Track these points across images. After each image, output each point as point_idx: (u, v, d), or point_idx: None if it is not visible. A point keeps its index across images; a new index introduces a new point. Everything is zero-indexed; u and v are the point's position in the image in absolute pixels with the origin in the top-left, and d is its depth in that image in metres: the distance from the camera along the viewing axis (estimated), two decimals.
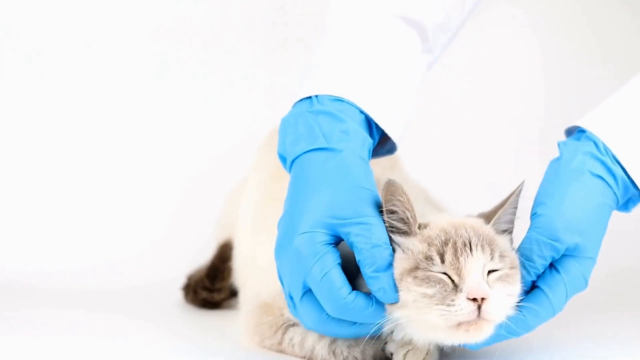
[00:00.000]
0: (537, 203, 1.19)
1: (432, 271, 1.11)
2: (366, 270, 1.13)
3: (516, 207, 1.20)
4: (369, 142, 1.21)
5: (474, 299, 1.09)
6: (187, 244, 1.84)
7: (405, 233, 1.15)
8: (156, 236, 1.90)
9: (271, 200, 1.40)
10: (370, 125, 1.24)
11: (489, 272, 1.13)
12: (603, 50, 1.95)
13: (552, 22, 1.97)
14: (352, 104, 1.23)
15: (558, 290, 1.17)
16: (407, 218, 1.14)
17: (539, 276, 1.17)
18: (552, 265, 1.18)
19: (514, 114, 2.00)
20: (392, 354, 1.19)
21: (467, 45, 1.86)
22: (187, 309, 1.62)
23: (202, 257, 1.65)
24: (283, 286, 1.18)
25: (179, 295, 1.65)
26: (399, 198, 1.14)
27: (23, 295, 1.70)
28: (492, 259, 1.13)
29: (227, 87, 1.97)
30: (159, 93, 1.96)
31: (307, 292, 1.15)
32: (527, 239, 1.18)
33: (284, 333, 1.24)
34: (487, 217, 1.20)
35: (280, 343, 1.24)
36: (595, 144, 1.21)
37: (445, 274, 1.11)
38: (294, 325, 1.24)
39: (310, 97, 1.23)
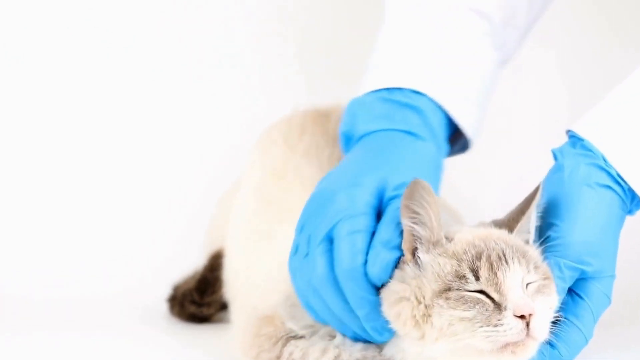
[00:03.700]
0: (547, 225, 1.15)
1: (466, 290, 1.04)
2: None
3: (532, 214, 1.15)
4: (445, 148, 1.24)
5: (522, 316, 1.03)
6: (174, 252, 1.79)
7: (425, 243, 1.08)
8: (140, 243, 1.85)
9: (268, 204, 1.35)
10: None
11: (527, 284, 1.07)
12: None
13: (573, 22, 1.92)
14: (431, 100, 1.24)
15: (586, 318, 1.13)
16: (430, 222, 1.07)
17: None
18: (571, 291, 1.14)
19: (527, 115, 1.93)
20: None
21: None
22: (173, 321, 1.57)
23: (190, 264, 1.60)
24: (300, 231, 1.15)
25: (164, 306, 1.59)
26: (428, 199, 1.07)
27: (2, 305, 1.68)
28: (528, 271, 1.07)
29: (219, 82, 1.92)
30: (144, 91, 1.92)
31: (325, 242, 1.11)
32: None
33: (283, 346, 1.16)
34: (508, 225, 1.14)
35: (278, 357, 1.16)
36: (595, 154, 1.17)
37: (482, 291, 1.05)
38: (295, 338, 1.17)
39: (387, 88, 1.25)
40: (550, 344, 1.08)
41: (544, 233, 1.14)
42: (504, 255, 1.06)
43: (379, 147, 1.20)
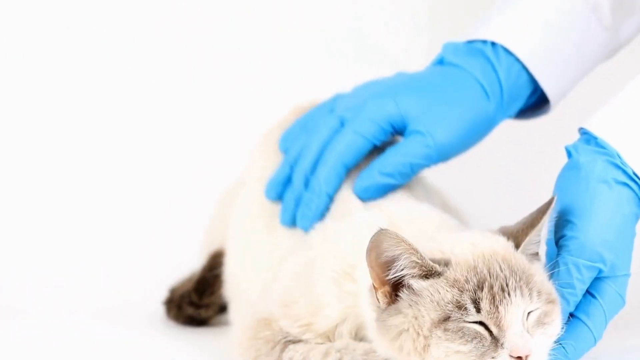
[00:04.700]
0: (563, 222, 1.13)
1: (466, 322, 1.03)
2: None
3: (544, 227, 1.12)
4: (513, 110, 1.31)
5: (518, 357, 1.02)
6: (173, 253, 1.78)
7: (420, 276, 1.06)
8: (139, 245, 1.84)
9: (270, 203, 1.32)
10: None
11: (528, 313, 1.05)
12: None
13: None
14: (517, 60, 1.29)
15: (597, 318, 1.12)
16: (416, 261, 1.05)
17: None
18: (586, 290, 1.13)
19: None
20: None
21: None
22: (169, 325, 1.55)
23: (189, 266, 1.58)
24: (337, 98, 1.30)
25: (160, 309, 1.57)
26: (402, 244, 1.04)
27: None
28: (531, 300, 1.05)
29: (219, 82, 1.91)
30: (144, 91, 1.91)
31: (338, 119, 1.25)
32: (561, 264, 1.11)
33: (282, 350, 1.15)
34: (515, 236, 1.11)
35: None
36: (610, 151, 1.15)
37: (481, 323, 1.03)
38: (294, 342, 1.15)
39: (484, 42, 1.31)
40: (556, 341, 1.07)
41: (560, 230, 1.13)
42: (507, 286, 1.04)
43: (443, 78, 1.27)
